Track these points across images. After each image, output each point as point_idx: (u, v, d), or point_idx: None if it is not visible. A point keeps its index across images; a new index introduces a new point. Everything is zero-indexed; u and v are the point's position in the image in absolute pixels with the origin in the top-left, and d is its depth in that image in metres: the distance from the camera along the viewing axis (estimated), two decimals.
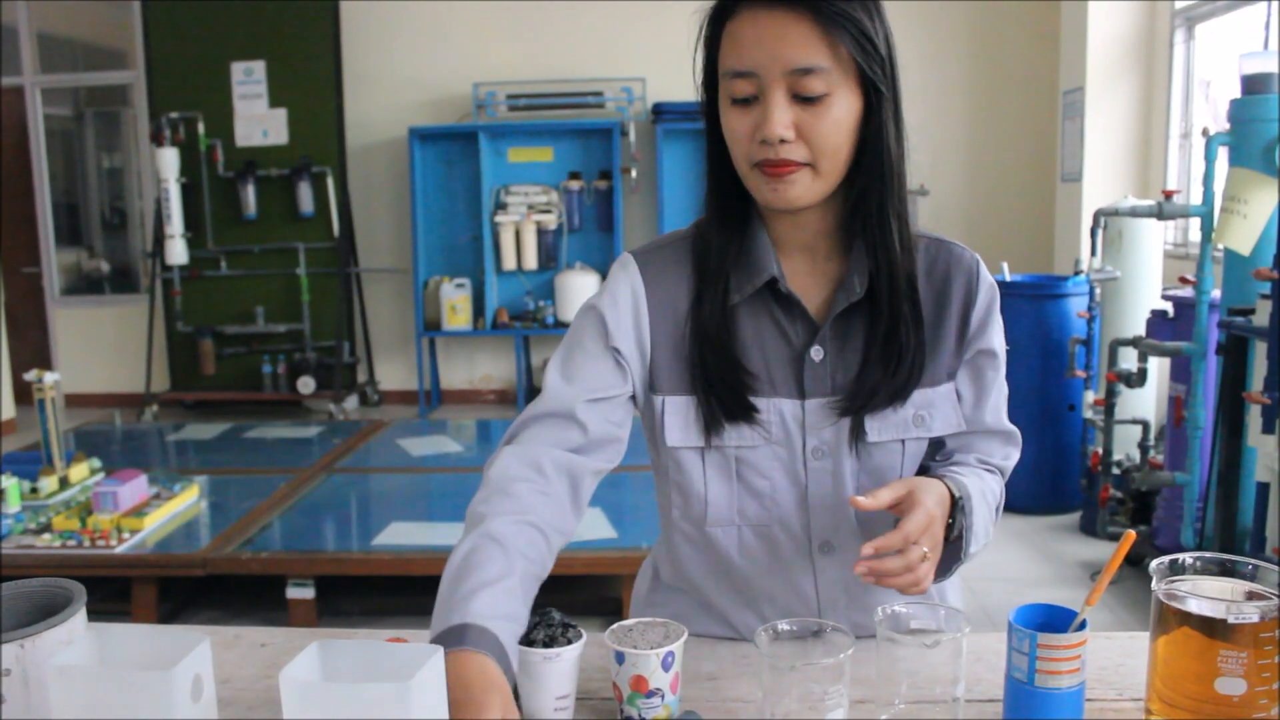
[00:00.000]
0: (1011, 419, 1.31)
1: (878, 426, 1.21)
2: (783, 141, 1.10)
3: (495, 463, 1.19)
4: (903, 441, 1.22)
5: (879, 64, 1.11)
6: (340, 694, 0.84)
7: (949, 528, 1.16)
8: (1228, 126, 3.49)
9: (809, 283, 1.23)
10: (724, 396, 1.20)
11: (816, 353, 1.21)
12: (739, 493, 1.24)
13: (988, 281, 1.25)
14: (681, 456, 1.24)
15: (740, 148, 1.14)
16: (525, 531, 1.12)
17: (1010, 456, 1.30)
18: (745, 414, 1.20)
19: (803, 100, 1.09)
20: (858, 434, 1.21)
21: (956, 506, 1.16)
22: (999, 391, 1.27)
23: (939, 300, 1.23)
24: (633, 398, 1.26)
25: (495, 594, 1.04)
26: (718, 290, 1.20)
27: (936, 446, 1.27)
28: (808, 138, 1.10)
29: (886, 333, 1.19)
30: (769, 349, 1.22)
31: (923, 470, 1.27)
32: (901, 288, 1.18)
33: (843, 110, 1.11)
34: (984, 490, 1.23)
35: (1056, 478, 4.66)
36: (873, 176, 1.15)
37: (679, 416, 1.23)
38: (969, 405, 1.26)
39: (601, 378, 1.22)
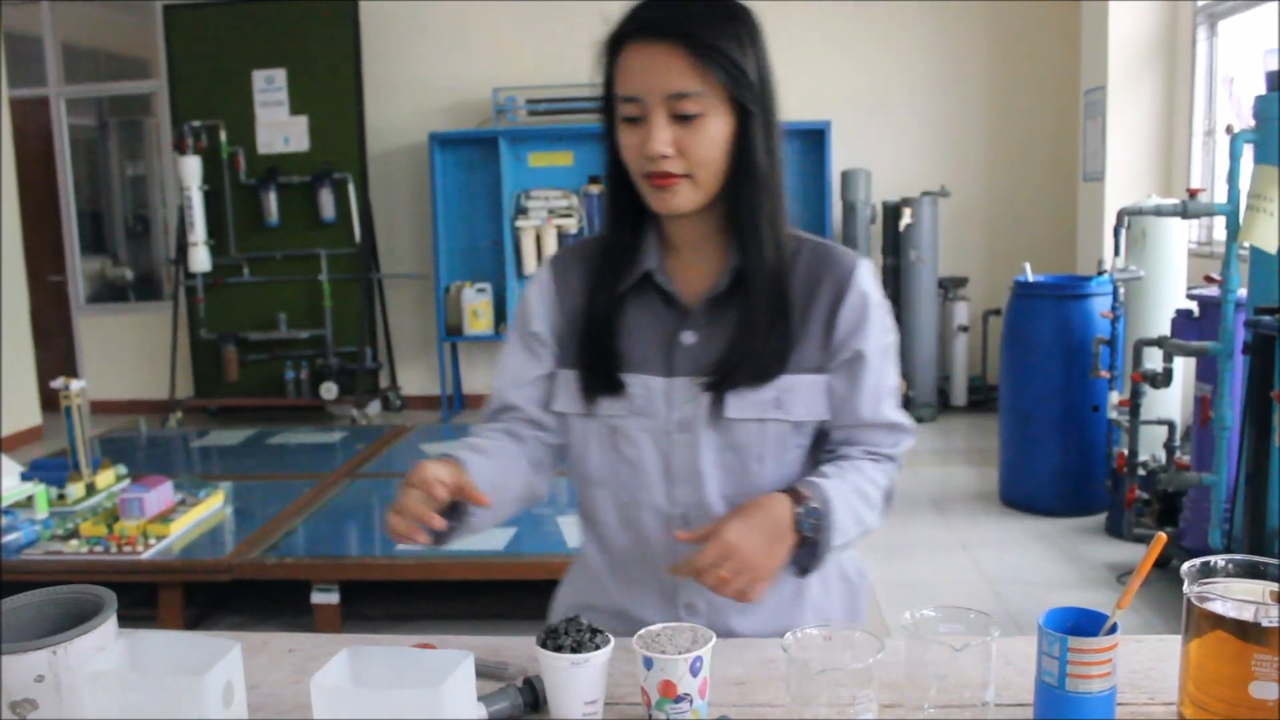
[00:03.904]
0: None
1: (738, 404, 1.33)
2: (664, 157, 1.25)
3: None
4: (762, 421, 1.33)
5: (748, 89, 1.27)
6: (371, 699, 0.85)
7: (799, 525, 1.24)
8: (1252, 123, 3.46)
9: (691, 277, 1.38)
10: (595, 371, 1.37)
11: (688, 337, 1.36)
12: (614, 460, 1.39)
13: (860, 289, 1.36)
14: (570, 422, 1.42)
15: (632, 161, 1.30)
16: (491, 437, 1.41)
17: (900, 443, 1.41)
18: (612, 387, 1.36)
19: (680, 120, 1.25)
20: (717, 410, 1.33)
21: (807, 510, 1.25)
22: (876, 388, 1.37)
23: (808, 298, 1.36)
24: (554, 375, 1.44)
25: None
26: (608, 281, 1.38)
27: (822, 437, 1.39)
28: (686, 152, 1.26)
29: (749, 320, 1.32)
30: (646, 332, 1.38)
31: (814, 461, 1.40)
32: (765, 282, 1.32)
33: (716, 128, 1.27)
34: (858, 485, 1.33)
35: (1081, 479, 4.62)
36: (744, 185, 1.31)
37: (567, 387, 1.40)
38: (843, 401, 1.37)
39: (520, 366, 1.44)
